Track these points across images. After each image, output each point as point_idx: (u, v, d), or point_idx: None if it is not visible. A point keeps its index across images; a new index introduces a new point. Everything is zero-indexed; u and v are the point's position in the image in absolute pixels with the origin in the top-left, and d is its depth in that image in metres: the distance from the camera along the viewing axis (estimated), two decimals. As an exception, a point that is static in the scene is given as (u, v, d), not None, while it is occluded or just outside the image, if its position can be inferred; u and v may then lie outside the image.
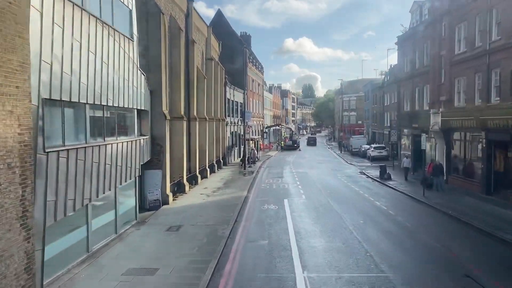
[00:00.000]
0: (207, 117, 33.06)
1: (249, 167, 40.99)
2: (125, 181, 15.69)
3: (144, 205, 20.78)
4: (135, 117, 17.12)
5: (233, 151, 48.91)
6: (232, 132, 48.45)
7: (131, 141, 16.38)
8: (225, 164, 42.33)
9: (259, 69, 72.79)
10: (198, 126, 30.61)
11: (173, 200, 22.36)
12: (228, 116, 46.00)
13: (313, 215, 18.62)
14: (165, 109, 21.25)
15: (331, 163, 47.16)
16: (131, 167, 16.25)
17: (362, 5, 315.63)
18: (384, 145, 49.06)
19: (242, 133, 45.07)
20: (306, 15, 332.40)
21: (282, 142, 74.85)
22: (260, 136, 66.74)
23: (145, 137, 19.21)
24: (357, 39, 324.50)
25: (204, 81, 32.46)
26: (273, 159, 52.79)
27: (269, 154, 61.45)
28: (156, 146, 21.00)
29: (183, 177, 24.89)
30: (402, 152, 37.19)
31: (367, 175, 35.13)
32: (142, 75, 18.04)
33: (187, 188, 25.32)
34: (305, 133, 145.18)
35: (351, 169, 40.29)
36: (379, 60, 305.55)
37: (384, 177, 31.19)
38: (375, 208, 20.67)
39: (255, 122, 63.07)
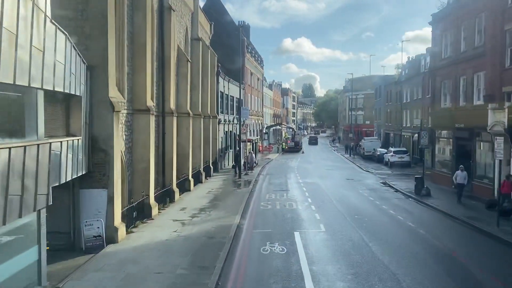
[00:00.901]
0: (191, 112, 25.62)
1: (245, 174, 33.59)
2: (3, 224, 8.25)
3: (80, 244, 13.42)
4: (38, 104, 9.66)
5: (227, 155, 41.50)
6: (226, 131, 41.06)
7: (26, 146, 8.94)
8: (216, 170, 34.91)
9: (259, 61, 65.38)
10: (177, 123, 23.23)
11: (129, 233, 14.93)
12: (222, 113, 38.60)
13: (348, 273, 11.15)
14: (113, 95, 13.80)
15: (343, 169, 39.73)
16: (22, 197, 8.81)
17: (360, 6, 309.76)
18: (405, 149, 41.66)
19: (238, 133, 37.75)
20: (305, 15, 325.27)
21: (284, 144, 67.38)
22: (258, 137, 59.30)
23: (73, 139, 11.79)
24: (356, 40, 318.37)
25: (188, 65, 25.03)
26: (274, 164, 45.37)
27: (268, 157, 54.06)
28: (98, 152, 13.57)
29: (149, 195, 17.44)
30: (436, 160, 29.77)
31: (394, 187, 27.75)
32: (62, 34, 10.61)
33: (154, 211, 17.86)
34: (305, 133, 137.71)
35: (371, 179, 32.88)
36: (378, 60, 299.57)
37: (421, 193, 23.79)
38: (439, 254, 13.26)
39: (253, 120, 55.65)
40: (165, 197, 20.40)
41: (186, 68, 24.75)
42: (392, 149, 41.36)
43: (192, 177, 25.94)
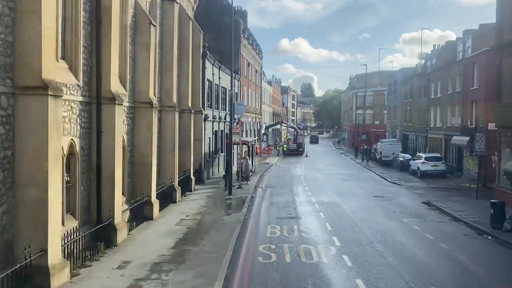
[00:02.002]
0: (156, 102, 17.33)
1: (239, 187, 25.37)
2: None
3: None
4: None
5: (217, 160, 33.23)
6: (216, 131, 32.82)
7: None
8: (201, 181, 26.68)
9: (257, 51, 57.09)
10: (132, 117, 15.15)
11: None
12: (210, 107, 30.42)
13: None
14: None
15: (362, 180, 31.47)
16: None
17: (357, 8, 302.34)
18: (440, 155, 33.43)
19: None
20: (302, 16, 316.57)
21: (285, 146, 59.10)
22: (256, 138, 51.04)
23: None
24: (353, 41, 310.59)
25: (151, 31, 16.68)
26: (275, 171, 37.09)
27: (267, 161, 45.83)
28: None
29: (46, 250, 9.12)
30: (502, 172, 21.50)
31: (447, 212, 19.60)
32: None
33: (60, 277, 9.48)
34: (305, 134, 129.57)
35: (405, 195, 24.67)
36: (375, 62, 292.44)
37: (504, 227, 15.63)
38: None
39: (250, 118, 47.42)
40: (99, 240, 12.13)
41: (148, 35, 16.43)
42: (423, 155, 33.09)
43: (158, 197, 17.70)
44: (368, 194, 24.67)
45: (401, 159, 37.88)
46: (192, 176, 24.07)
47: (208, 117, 28.82)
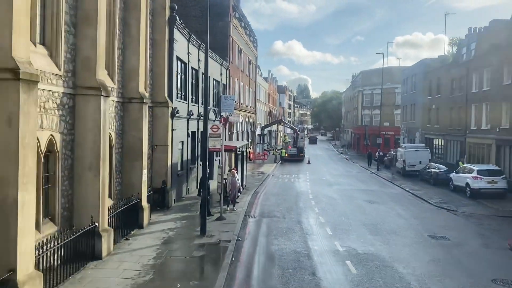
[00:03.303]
0: (30, 72, 8.48)
1: (220, 218, 16.65)
2: None
3: None
4: None
5: (194, 172, 24.42)
6: (194, 132, 24.15)
7: None
8: (165, 206, 18.03)
9: (251, 39, 48.34)
10: None
11: None
12: (183, 99, 21.87)
13: None
14: None
15: (394, 201, 22.67)
16: None
17: (351, 11, 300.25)
18: (498, 168, 24.71)
19: (224, 135, 20.18)
20: (296, 19, 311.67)
21: (283, 150, 50.30)
22: (250, 141, 42.24)
23: None
24: (346, 44, 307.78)
25: None
26: (272, 186, 28.22)
27: (262, 170, 37.09)
28: None
29: None
30: None
31: None
32: None
33: None
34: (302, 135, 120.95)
35: (473, 234, 15.98)
36: (369, 64, 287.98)
37: None
38: None
39: (241, 118, 38.63)
40: None
41: None
42: (475, 167, 24.36)
43: (53, 259, 8.94)
44: (419, 232, 15.93)
45: (435, 170, 29.25)
46: (144, 203, 15.26)
47: (178, 112, 20.11)
